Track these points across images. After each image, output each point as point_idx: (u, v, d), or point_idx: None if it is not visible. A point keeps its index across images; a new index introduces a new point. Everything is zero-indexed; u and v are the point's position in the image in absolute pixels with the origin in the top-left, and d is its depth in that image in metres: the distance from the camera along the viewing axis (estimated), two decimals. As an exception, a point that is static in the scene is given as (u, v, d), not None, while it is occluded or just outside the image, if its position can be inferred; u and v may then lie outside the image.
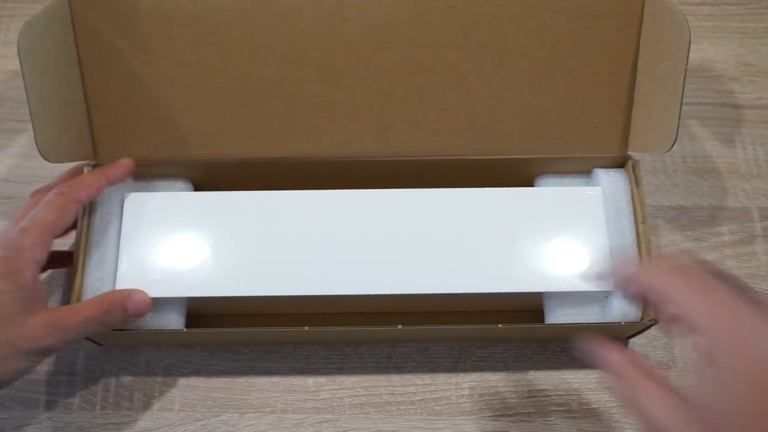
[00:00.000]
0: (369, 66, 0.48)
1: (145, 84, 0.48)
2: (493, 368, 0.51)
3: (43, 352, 0.41)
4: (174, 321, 0.47)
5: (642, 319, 0.47)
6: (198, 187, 0.52)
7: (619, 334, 0.50)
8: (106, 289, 0.46)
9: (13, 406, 0.51)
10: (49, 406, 0.51)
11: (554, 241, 0.48)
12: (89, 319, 0.42)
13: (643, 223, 0.48)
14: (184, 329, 0.47)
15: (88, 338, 0.49)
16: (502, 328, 0.46)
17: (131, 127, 0.49)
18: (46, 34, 0.45)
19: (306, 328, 0.46)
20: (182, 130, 0.49)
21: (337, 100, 0.49)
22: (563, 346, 0.52)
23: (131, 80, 0.48)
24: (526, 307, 0.51)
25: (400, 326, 0.46)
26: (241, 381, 0.51)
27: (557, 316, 0.48)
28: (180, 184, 0.51)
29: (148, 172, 0.51)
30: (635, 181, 0.49)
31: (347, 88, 0.48)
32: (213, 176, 0.51)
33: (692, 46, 0.59)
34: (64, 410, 0.50)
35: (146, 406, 0.51)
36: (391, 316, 0.49)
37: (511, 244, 0.47)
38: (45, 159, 0.45)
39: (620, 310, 0.47)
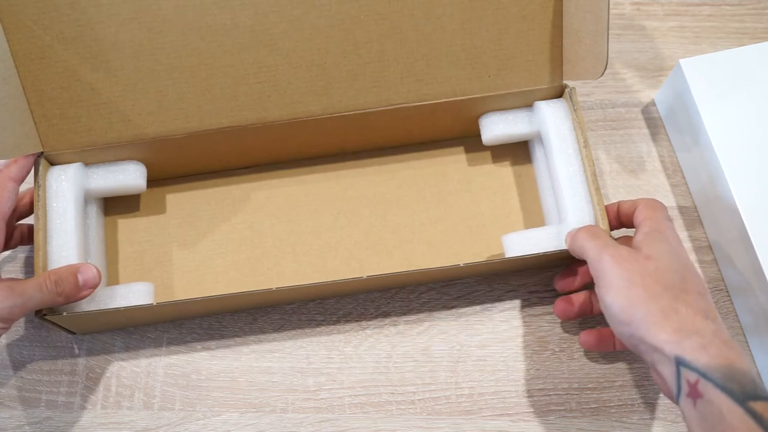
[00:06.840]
0: (302, 26, 0.48)
1: (81, 70, 0.48)
2: (493, 368, 0.52)
3: (2, 319, 0.43)
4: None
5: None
6: (149, 167, 0.53)
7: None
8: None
9: (14, 405, 0.51)
10: (50, 405, 0.51)
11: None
12: (42, 285, 0.45)
13: (585, 147, 0.49)
14: (154, 303, 0.48)
15: (60, 327, 0.49)
16: (464, 267, 0.48)
17: (74, 115, 0.49)
18: (-26, 31, 0.44)
19: (274, 288, 0.47)
20: (126, 112, 0.49)
21: (275, 64, 0.49)
22: (562, 346, 0.52)
23: (67, 68, 0.48)
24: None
25: (365, 276, 0.48)
26: (242, 380, 0.52)
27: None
28: (131, 166, 0.52)
29: (98, 158, 0.51)
30: (573, 107, 0.51)
31: (284, 51, 0.49)
32: (162, 153, 0.51)
33: (692, 46, 0.61)
34: (65, 409, 0.51)
35: (147, 405, 0.51)
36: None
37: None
38: (-8, 157, 0.45)
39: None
